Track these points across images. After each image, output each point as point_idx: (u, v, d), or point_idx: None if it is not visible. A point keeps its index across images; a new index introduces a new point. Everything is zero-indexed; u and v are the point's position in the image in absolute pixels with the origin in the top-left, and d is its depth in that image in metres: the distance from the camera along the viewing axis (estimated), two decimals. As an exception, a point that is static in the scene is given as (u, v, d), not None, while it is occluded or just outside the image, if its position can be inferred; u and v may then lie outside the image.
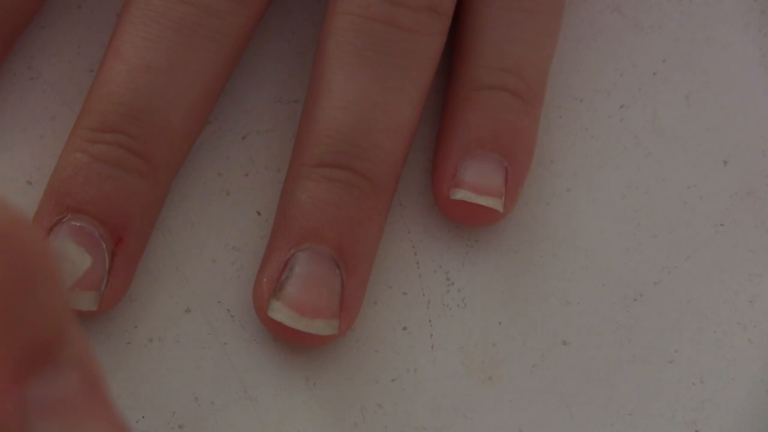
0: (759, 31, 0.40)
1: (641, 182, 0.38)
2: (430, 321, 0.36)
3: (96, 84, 0.35)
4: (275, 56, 0.38)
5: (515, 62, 0.37)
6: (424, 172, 0.38)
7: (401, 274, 0.37)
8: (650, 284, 0.37)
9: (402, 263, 0.37)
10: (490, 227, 0.37)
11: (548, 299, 0.37)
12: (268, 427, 0.35)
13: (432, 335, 0.36)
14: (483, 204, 0.36)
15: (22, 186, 0.37)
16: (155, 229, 0.36)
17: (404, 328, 0.36)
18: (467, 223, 0.37)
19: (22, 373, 0.23)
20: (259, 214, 0.37)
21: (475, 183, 0.36)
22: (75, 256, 0.29)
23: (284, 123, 0.38)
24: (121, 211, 0.34)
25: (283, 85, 0.38)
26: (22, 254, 0.23)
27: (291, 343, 0.35)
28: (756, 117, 0.39)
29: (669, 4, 0.40)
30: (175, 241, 0.36)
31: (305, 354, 0.36)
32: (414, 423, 0.35)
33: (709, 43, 0.40)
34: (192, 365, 0.35)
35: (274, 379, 0.35)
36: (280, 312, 0.34)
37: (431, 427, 0.35)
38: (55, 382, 0.23)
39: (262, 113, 0.38)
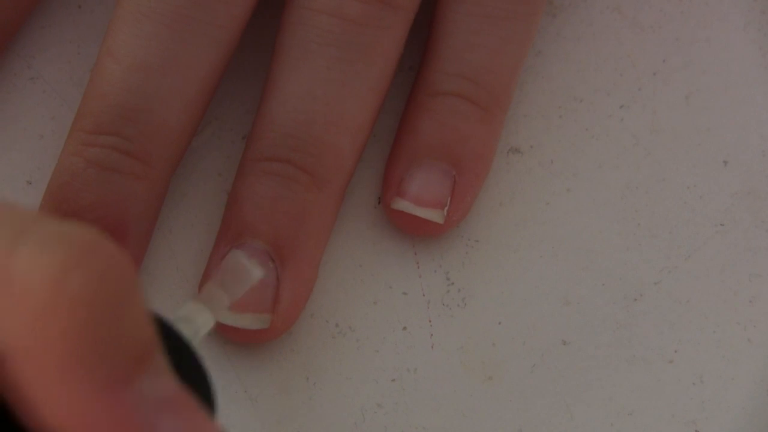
0: (759, 31, 0.40)
1: (641, 182, 0.38)
2: (430, 321, 0.36)
3: (90, 84, 0.35)
4: (275, 56, 0.38)
5: (474, 69, 0.36)
6: (424, 172, 0.38)
7: (401, 274, 0.37)
8: (650, 284, 0.37)
9: (402, 263, 0.37)
10: (490, 227, 0.37)
11: (548, 299, 0.37)
12: (268, 427, 0.35)
13: (432, 335, 0.36)
14: (421, 216, 0.36)
15: (22, 186, 0.37)
16: (155, 229, 0.36)
17: (404, 328, 0.36)
18: (411, 232, 0.37)
19: (133, 371, 0.24)
20: (259, 214, 0.37)
21: (417, 193, 0.36)
22: (248, 267, 0.29)
23: (284, 123, 0.38)
24: (120, 216, 0.34)
25: (283, 85, 0.38)
26: (117, 267, 0.24)
27: (229, 338, 0.35)
28: (756, 117, 0.39)
29: (669, 4, 0.40)
30: (175, 241, 0.36)
31: (305, 354, 0.36)
32: (414, 423, 0.35)
33: (709, 43, 0.40)
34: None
35: (274, 379, 0.35)
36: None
37: (431, 427, 0.35)
38: (159, 382, 0.25)
39: (262, 113, 0.38)
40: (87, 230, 0.24)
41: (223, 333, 0.35)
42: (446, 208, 0.36)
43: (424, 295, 0.37)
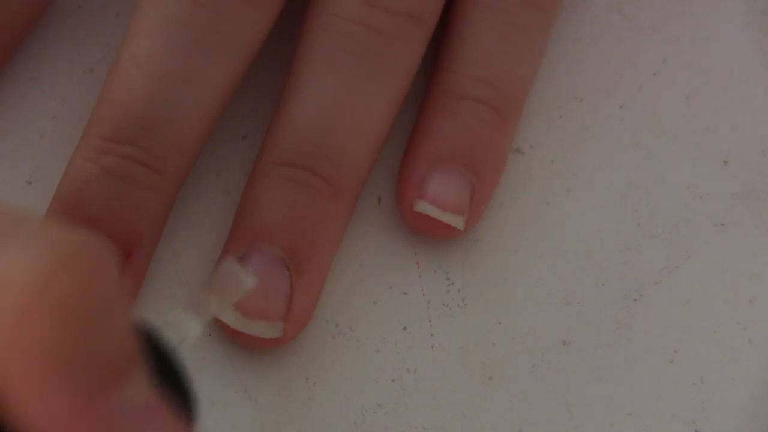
0: (759, 31, 0.40)
1: (641, 182, 0.38)
2: (430, 321, 0.36)
3: (110, 89, 0.34)
4: (276, 56, 0.38)
5: (497, 75, 0.36)
6: (424, 172, 0.38)
7: (401, 274, 0.37)
8: (650, 284, 0.37)
9: (402, 263, 0.37)
10: (490, 227, 0.37)
11: (548, 299, 0.37)
12: (268, 427, 0.35)
13: (432, 335, 0.36)
14: (445, 221, 0.36)
15: (22, 186, 0.37)
16: (155, 229, 0.36)
17: (404, 328, 0.36)
18: (425, 233, 0.36)
19: (114, 379, 0.24)
20: (259, 214, 0.37)
21: (440, 198, 0.36)
22: (241, 276, 0.29)
23: (284, 123, 0.38)
24: (131, 227, 0.34)
25: (283, 85, 0.38)
26: (102, 274, 0.24)
27: (240, 342, 0.35)
28: (756, 117, 0.39)
29: (669, 4, 0.40)
30: (175, 241, 0.36)
31: (305, 354, 0.36)
32: (414, 423, 0.35)
33: (709, 43, 0.40)
34: (192, 365, 0.35)
35: (274, 379, 0.35)
36: (224, 313, 0.34)
37: (431, 427, 0.35)
38: (139, 391, 0.24)
39: (262, 113, 0.38)
40: (74, 234, 0.24)
41: (233, 337, 0.35)
42: (466, 215, 0.36)
43: (424, 295, 0.37)
